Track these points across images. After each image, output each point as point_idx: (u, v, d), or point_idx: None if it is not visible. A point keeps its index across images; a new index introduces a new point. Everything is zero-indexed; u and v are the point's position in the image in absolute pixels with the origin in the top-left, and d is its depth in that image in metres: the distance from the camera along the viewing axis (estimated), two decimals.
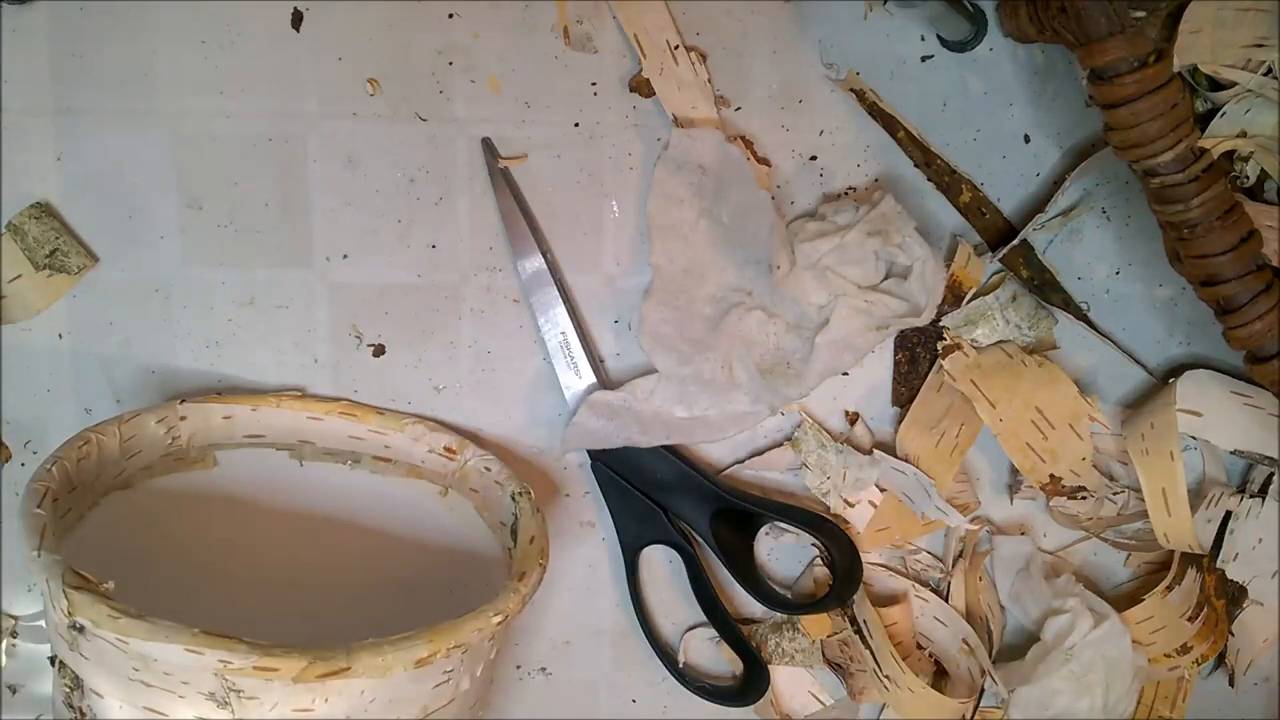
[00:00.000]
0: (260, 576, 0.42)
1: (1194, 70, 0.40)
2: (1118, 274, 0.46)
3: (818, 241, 0.42)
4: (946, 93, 0.44)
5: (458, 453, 0.43)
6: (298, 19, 0.41)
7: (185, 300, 0.42)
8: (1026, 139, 0.45)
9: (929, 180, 0.45)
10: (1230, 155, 0.42)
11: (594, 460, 0.44)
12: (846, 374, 0.45)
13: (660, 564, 0.46)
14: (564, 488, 0.45)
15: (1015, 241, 0.44)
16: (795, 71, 0.43)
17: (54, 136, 0.41)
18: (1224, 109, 0.40)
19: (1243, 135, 0.40)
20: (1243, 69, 0.40)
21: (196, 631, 0.29)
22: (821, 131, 0.44)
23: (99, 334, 0.42)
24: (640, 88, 0.43)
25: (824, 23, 0.43)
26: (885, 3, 0.43)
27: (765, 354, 0.43)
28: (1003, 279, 0.45)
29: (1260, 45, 0.40)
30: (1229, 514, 0.47)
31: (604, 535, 0.46)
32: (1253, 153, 0.41)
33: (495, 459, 0.42)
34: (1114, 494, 0.46)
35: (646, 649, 0.46)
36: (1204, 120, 0.41)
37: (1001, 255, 0.45)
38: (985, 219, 0.45)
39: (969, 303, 0.45)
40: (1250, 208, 0.39)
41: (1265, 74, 0.40)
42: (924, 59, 0.44)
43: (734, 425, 0.44)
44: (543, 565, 0.37)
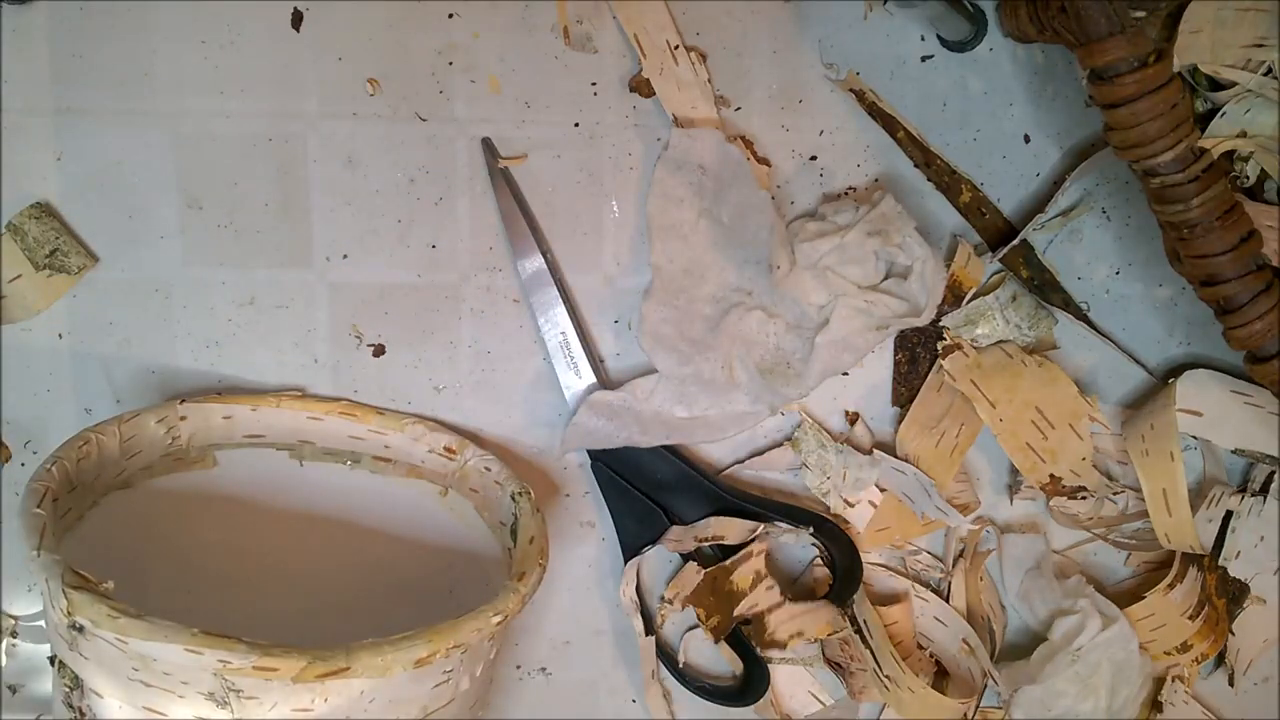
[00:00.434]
0: (260, 576, 0.42)
1: (1194, 70, 0.40)
2: (1118, 274, 0.46)
3: (818, 241, 0.42)
4: (946, 93, 0.44)
5: (458, 453, 0.43)
6: (298, 19, 0.41)
7: (185, 300, 0.43)
8: (1026, 139, 0.45)
9: (929, 180, 0.45)
10: (1230, 155, 0.42)
11: (594, 460, 0.44)
12: (846, 374, 0.45)
13: (660, 564, 0.46)
14: (564, 488, 0.45)
15: (1015, 241, 0.44)
16: (795, 71, 0.43)
17: (54, 136, 0.41)
18: (1224, 109, 0.40)
19: (1243, 135, 0.40)
20: (1243, 69, 0.40)
21: (196, 631, 0.29)
22: (821, 131, 0.44)
23: (99, 334, 0.42)
24: (640, 88, 0.43)
25: (824, 23, 0.43)
26: (885, 3, 0.43)
27: (765, 354, 0.43)
28: (1003, 279, 0.45)
29: (1260, 45, 0.40)
30: (1230, 513, 0.47)
31: (604, 535, 0.46)
32: (1253, 153, 0.41)
33: (495, 459, 0.42)
34: (1114, 494, 0.46)
35: None
36: (1204, 120, 0.40)
37: (1001, 255, 0.45)
38: (985, 219, 0.45)
39: (969, 303, 0.45)
40: (1250, 208, 0.39)
41: (1265, 74, 0.40)
42: (924, 59, 0.44)
43: (734, 425, 0.44)
44: (542, 565, 0.37)
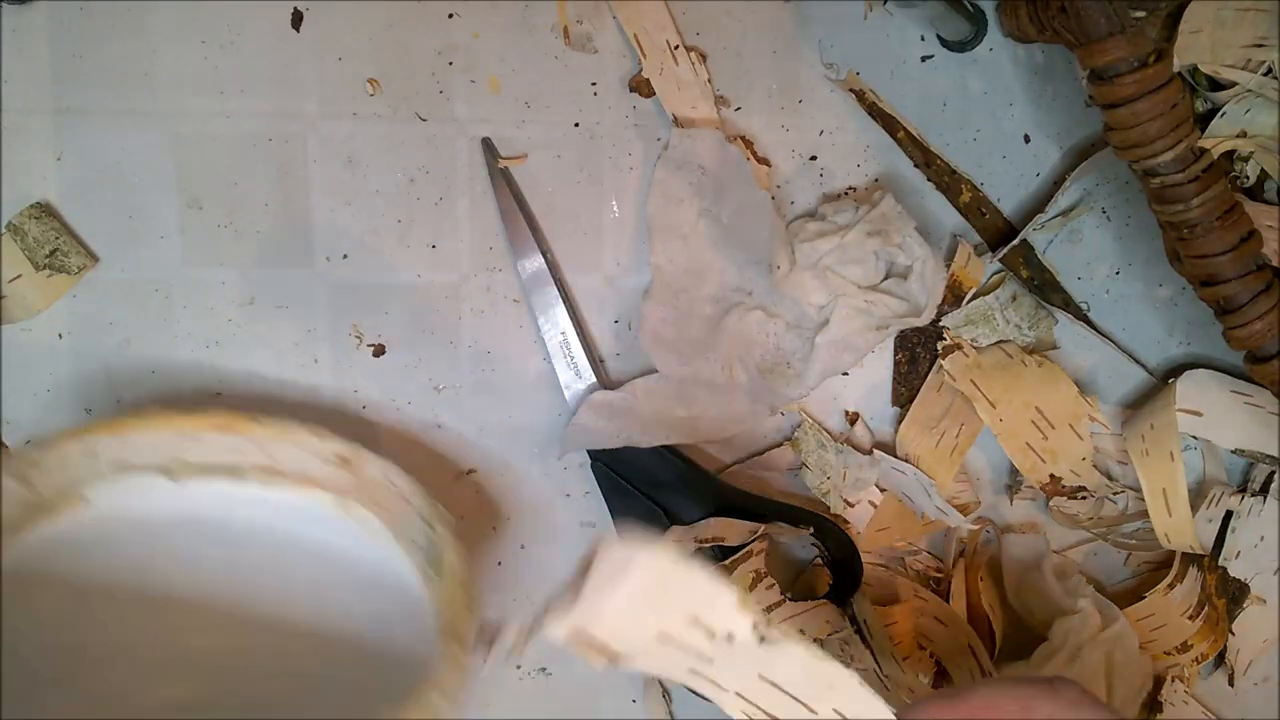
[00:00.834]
0: (168, 612, 0.38)
1: (1194, 70, 0.40)
2: (1118, 274, 0.46)
3: (818, 241, 0.42)
4: (946, 93, 0.44)
5: (351, 461, 0.39)
6: (298, 19, 0.41)
7: (185, 300, 0.42)
8: (1026, 139, 0.45)
9: (929, 180, 0.45)
10: (1230, 155, 0.42)
11: (594, 460, 0.44)
12: (846, 374, 0.45)
13: None
14: (564, 488, 0.45)
15: (1015, 241, 0.44)
16: (795, 71, 0.43)
17: (54, 136, 0.41)
18: (1224, 109, 0.40)
19: (1243, 135, 0.40)
20: (1243, 69, 0.40)
21: None
22: (821, 131, 0.44)
23: (99, 334, 0.42)
24: (640, 88, 0.43)
25: (824, 23, 0.43)
26: (885, 3, 0.43)
27: (765, 354, 0.43)
28: (1003, 279, 0.45)
29: (1260, 45, 0.40)
30: (1230, 513, 0.47)
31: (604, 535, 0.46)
32: (1253, 153, 0.41)
33: (398, 470, 0.39)
34: (1114, 494, 0.46)
35: None
36: (1204, 120, 0.40)
37: (1001, 255, 0.45)
38: (985, 219, 0.45)
39: (969, 303, 0.45)
40: (1250, 208, 0.39)
41: (1265, 74, 0.40)
42: (924, 59, 0.44)
43: (734, 425, 0.44)
44: (473, 614, 0.34)
